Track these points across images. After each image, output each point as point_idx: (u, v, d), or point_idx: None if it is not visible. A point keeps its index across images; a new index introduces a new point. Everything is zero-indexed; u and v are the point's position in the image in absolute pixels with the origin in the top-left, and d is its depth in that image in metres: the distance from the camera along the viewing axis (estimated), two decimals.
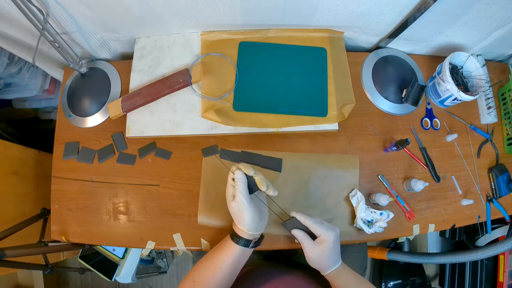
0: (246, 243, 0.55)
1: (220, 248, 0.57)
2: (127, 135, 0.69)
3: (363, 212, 0.66)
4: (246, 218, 0.55)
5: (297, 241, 0.60)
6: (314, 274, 0.63)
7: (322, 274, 0.57)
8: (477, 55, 0.79)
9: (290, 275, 0.62)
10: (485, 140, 0.78)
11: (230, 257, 0.55)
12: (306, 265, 0.70)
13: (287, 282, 0.60)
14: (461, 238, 1.02)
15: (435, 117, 0.78)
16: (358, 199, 0.68)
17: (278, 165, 0.70)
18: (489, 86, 0.76)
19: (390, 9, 0.63)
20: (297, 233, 0.59)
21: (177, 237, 0.68)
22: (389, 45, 0.80)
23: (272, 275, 0.61)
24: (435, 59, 0.81)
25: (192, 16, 0.66)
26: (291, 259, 0.86)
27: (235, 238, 0.55)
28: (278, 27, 0.73)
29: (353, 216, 0.69)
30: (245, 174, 0.54)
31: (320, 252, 0.56)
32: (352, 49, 0.82)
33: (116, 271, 1.08)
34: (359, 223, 0.66)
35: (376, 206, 0.70)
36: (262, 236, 0.60)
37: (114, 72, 0.78)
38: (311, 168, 0.71)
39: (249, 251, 0.57)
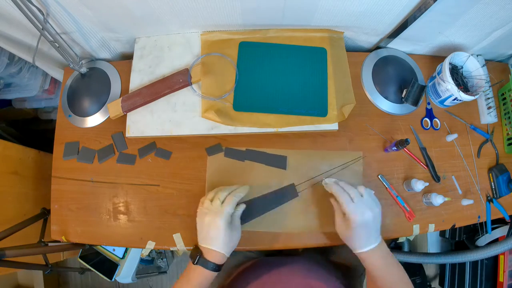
0: (216, 267, 0.53)
1: (190, 280, 0.53)
2: (127, 135, 0.69)
3: None
4: (225, 239, 0.53)
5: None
6: (319, 263, 0.63)
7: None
8: (477, 55, 0.79)
9: (291, 265, 0.62)
10: (485, 140, 0.78)
11: (203, 285, 0.53)
12: (309, 256, 0.69)
13: (288, 272, 0.59)
14: (461, 238, 1.02)
15: (435, 117, 0.78)
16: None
17: (283, 163, 0.71)
18: (489, 86, 0.76)
19: (390, 9, 0.63)
20: (335, 193, 0.57)
21: (177, 237, 0.68)
22: (389, 45, 0.80)
23: (273, 265, 0.61)
24: (435, 59, 0.81)
25: (192, 16, 0.66)
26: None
27: (206, 263, 0.52)
28: (278, 27, 0.73)
29: None
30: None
31: (345, 232, 0.54)
32: (352, 49, 0.82)
33: (116, 271, 1.08)
34: None
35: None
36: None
37: (114, 72, 0.78)
38: (315, 165, 0.71)
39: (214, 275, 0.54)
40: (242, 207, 0.60)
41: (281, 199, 0.68)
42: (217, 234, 0.53)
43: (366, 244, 0.51)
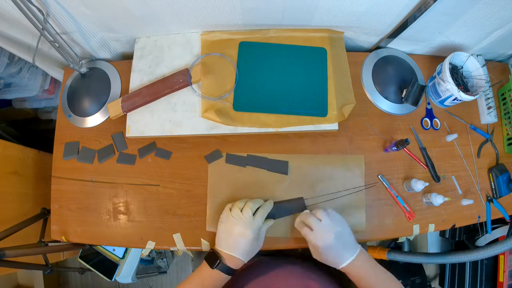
0: (233, 272, 0.55)
1: (203, 281, 0.54)
2: (127, 135, 0.69)
3: None
4: (250, 248, 0.55)
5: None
6: (315, 264, 0.64)
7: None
8: (477, 55, 0.79)
9: (288, 265, 0.62)
10: (485, 140, 0.78)
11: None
12: (305, 256, 0.70)
13: (285, 272, 0.60)
14: (461, 238, 1.01)
15: (435, 117, 0.78)
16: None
17: (284, 168, 0.71)
18: (489, 86, 0.76)
19: (390, 9, 0.63)
20: (298, 229, 0.58)
21: (177, 237, 0.68)
22: (389, 45, 0.80)
23: (270, 266, 0.62)
24: (435, 59, 0.81)
25: (192, 16, 0.66)
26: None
27: (226, 269, 0.53)
28: (278, 27, 0.73)
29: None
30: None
31: (319, 257, 0.56)
32: (352, 49, 0.82)
33: (116, 271, 1.08)
34: None
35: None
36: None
37: (114, 72, 0.78)
38: (316, 170, 0.71)
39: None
40: (271, 222, 0.63)
41: (290, 210, 0.68)
42: (244, 244, 0.55)
43: (341, 260, 0.54)
